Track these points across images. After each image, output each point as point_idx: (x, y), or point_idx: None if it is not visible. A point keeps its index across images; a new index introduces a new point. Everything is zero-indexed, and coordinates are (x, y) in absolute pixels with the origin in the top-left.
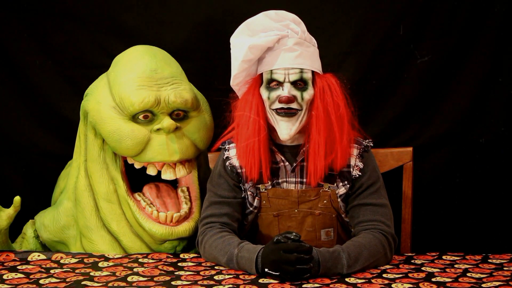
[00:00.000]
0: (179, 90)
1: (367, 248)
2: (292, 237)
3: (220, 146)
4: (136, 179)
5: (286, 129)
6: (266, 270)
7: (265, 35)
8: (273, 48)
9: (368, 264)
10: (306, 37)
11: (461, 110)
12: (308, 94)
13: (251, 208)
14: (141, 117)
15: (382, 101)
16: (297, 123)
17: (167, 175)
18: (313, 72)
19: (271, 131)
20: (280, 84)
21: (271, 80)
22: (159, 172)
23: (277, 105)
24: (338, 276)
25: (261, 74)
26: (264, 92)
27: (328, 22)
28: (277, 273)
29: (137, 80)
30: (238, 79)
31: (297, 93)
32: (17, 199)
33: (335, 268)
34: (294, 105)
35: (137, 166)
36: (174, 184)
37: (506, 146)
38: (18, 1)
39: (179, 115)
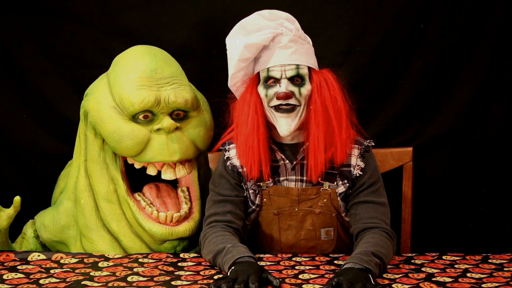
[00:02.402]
0: (179, 90)
1: (384, 247)
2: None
3: (221, 147)
4: (136, 179)
5: (285, 125)
6: (229, 272)
7: (259, 34)
8: (268, 46)
9: (387, 262)
10: (301, 35)
11: (461, 110)
12: (306, 89)
13: (253, 207)
14: (141, 117)
15: (382, 101)
16: (296, 118)
17: (167, 175)
18: (309, 68)
19: (271, 129)
20: (277, 81)
21: (268, 78)
22: (159, 172)
23: (276, 102)
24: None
25: (258, 73)
26: (262, 90)
27: (328, 22)
28: (222, 279)
29: (137, 80)
30: (235, 79)
31: (294, 89)
32: (17, 199)
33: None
34: (292, 101)
35: (137, 166)
36: (174, 184)
37: (506, 146)
38: (18, 1)
39: (179, 115)
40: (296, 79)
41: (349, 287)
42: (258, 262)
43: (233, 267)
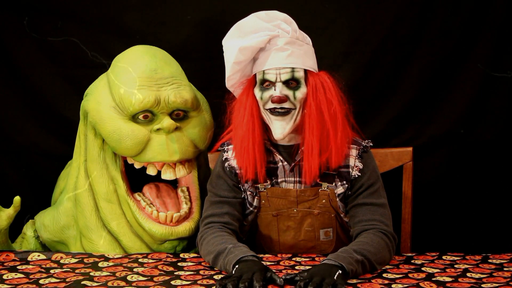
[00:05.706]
0: (179, 90)
1: (372, 245)
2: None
3: (219, 148)
4: (136, 179)
5: (280, 128)
6: (233, 270)
7: (256, 36)
8: (265, 48)
9: (376, 260)
10: (298, 36)
11: (461, 110)
12: (301, 92)
13: (251, 208)
14: (141, 117)
15: (382, 101)
16: (291, 122)
17: (167, 175)
18: (306, 71)
19: (269, 131)
20: (272, 84)
21: (263, 81)
22: (159, 172)
23: (270, 105)
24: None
25: (255, 74)
26: (257, 93)
27: (328, 22)
28: (227, 278)
29: (137, 80)
30: (232, 81)
31: (289, 93)
32: (17, 199)
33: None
34: (286, 105)
35: (137, 166)
36: (174, 184)
37: (506, 146)
38: (18, 1)
39: (179, 115)
40: (291, 82)
41: (306, 281)
42: None
43: (237, 266)
